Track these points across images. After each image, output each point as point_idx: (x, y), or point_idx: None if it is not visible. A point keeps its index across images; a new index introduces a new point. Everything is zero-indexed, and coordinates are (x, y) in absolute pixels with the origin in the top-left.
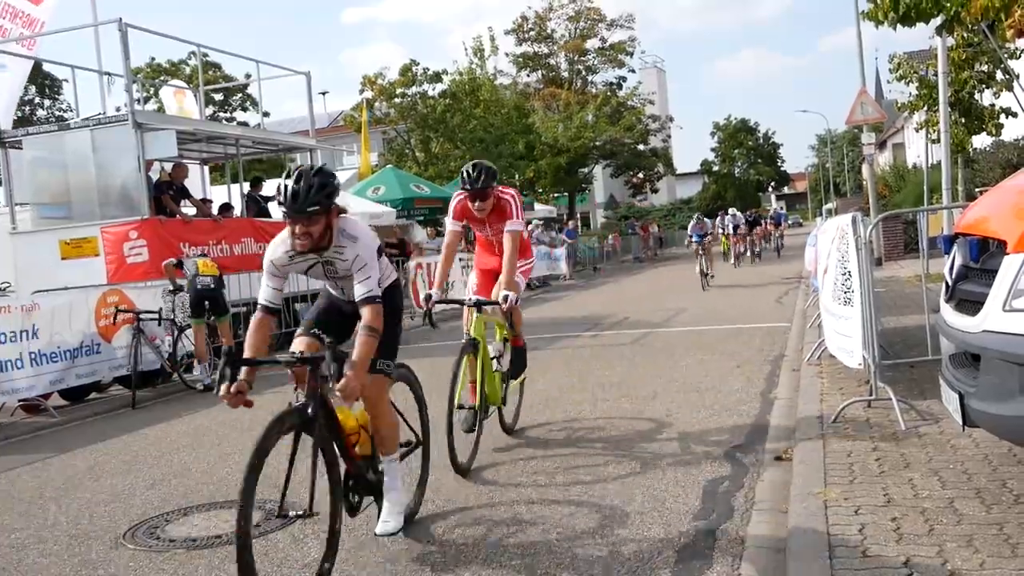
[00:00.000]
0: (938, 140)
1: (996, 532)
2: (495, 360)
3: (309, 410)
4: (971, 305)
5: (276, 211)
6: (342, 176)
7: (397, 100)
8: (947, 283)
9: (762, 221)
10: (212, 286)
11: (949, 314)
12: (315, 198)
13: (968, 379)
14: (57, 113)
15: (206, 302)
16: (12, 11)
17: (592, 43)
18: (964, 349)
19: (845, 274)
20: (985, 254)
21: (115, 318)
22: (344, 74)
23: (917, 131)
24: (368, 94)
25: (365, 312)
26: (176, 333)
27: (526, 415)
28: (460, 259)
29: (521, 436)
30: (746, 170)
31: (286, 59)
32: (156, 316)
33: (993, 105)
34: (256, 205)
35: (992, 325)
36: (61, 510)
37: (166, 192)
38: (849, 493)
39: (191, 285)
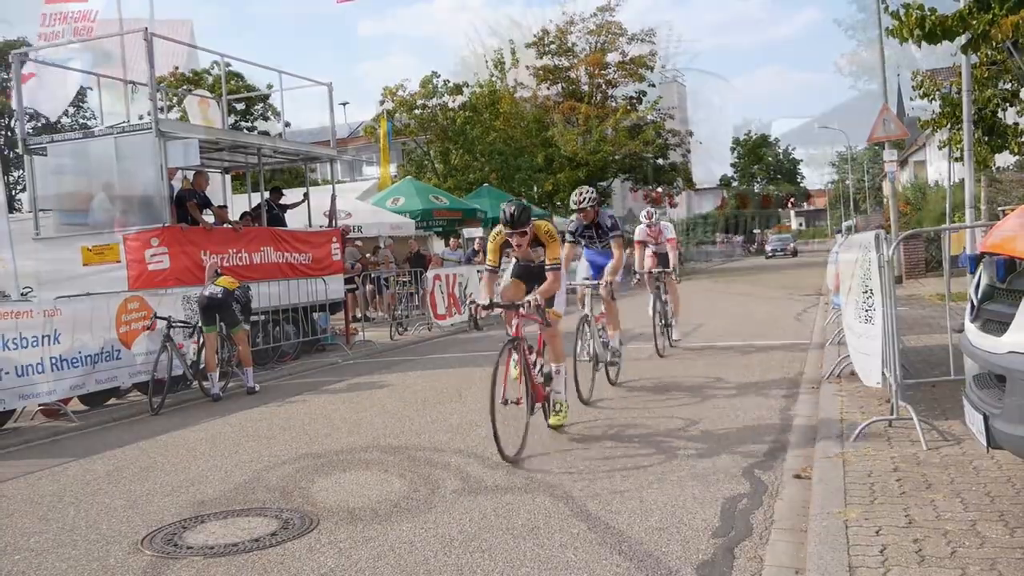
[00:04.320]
0: (961, 158)
1: (1020, 556)
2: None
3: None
4: (997, 325)
5: (292, 220)
6: (361, 187)
7: (417, 111)
8: (972, 303)
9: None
10: (220, 296)
11: (974, 334)
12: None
13: (993, 400)
14: (81, 121)
15: (216, 314)
16: (60, 15)
17: (612, 57)
18: (989, 370)
19: (867, 292)
20: (1012, 274)
21: (150, 322)
22: (361, 86)
23: (940, 149)
24: (389, 105)
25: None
26: (201, 340)
27: (542, 432)
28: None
29: (537, 453)
30: (765, 186)
31: (303, 70)
32: (190, 326)
33: (1017, 123)
34: (270, 212)
35: (1018, 346)
36: (80, 515)
37: (190, 200)
38: (870, 513)
39: (200, 294)
